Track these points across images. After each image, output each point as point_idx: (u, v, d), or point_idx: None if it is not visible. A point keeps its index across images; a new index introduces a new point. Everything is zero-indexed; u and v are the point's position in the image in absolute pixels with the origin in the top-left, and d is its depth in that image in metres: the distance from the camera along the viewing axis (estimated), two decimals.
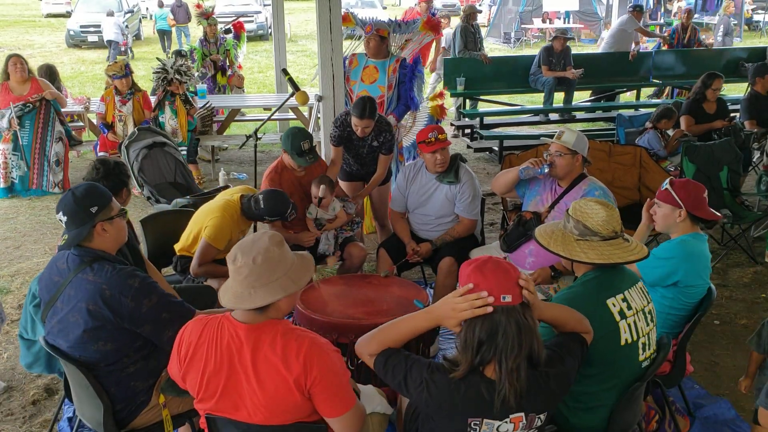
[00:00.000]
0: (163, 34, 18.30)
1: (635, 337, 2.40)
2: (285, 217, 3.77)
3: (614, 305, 2.37)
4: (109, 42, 17.23)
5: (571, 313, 2.19)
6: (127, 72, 6.67)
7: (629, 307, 2.40)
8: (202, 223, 3.69)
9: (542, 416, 2.06)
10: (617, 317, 2.36)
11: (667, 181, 3.16)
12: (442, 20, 5.92)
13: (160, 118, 6.73)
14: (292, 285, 2.04)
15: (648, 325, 2.46)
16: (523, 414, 2.00)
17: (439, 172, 4.07)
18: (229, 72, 9.25)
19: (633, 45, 9.87)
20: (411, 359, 2.05)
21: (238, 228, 3.76)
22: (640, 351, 2.42)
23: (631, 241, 2.49)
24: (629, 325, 2.38)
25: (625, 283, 2.46)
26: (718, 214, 3.20)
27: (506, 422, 1.99)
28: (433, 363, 2.04)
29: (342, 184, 4.86)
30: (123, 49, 17.57)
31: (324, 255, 4.20)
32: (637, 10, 10.19)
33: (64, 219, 2.49)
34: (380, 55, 5.25)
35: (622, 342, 2.37)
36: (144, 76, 7.20)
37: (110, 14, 17.72)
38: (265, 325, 2.05)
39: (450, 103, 9.98)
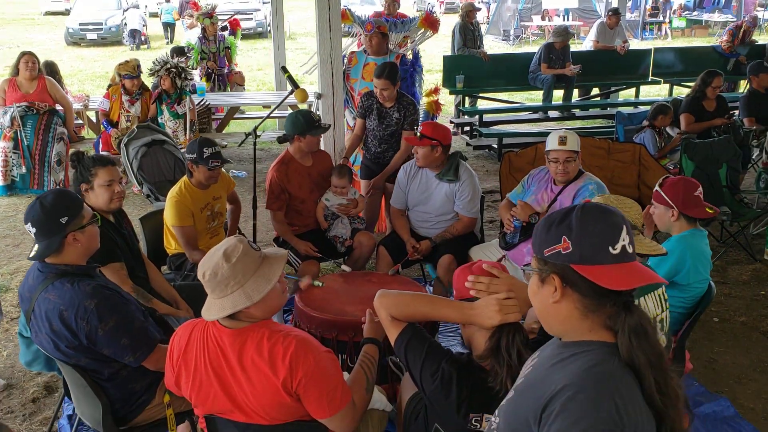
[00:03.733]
0: (167, 27, 19.37)
1: None
2: (209, 158, 3.70)
3: None
4: (132, 31, 18.72)
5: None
6: (138, 72, 6.67)
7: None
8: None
9: None
10: None
11: (660, 181, 3.17)
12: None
13: (159, 119, 6.72)
14: (244, 300, 1.96)
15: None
16: None
17: (420, 167, 4.10)
18: (226, 70, 9.26)
19: (620, 42, 9.83)
20: (432, 345, 2.06)
21: (195, 201, 3.78)
22: None
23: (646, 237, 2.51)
24: None
25: (639, 291, 2.45)
26: (714, 210, 3.18)
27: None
28: (453, 354, 2.05)
29: (362, 182, 4.92)
30: (144, 38, 19.10)
31: (339, 237, 4.22)
32: (609, 14, 10.12)
33: (33, 230, 2.37)
34: (381, 52, 5.26)
35: None
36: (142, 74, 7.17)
37: (134, 6, 19.80)
38: (249, 329, 2.03)
39: (450, 101, 9.98)
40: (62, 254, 2.41)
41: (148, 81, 7.17)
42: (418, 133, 3.99)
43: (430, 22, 5.74)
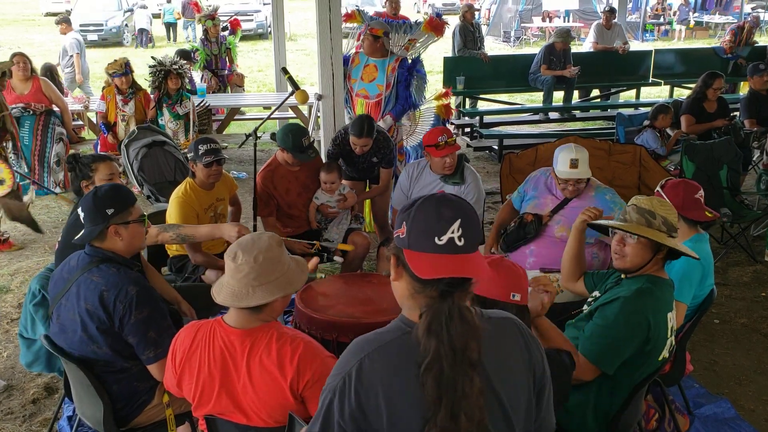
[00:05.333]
0: (169, 26, 20.30)
1: (666, 355, 2.44)
2: (203, 155, 3.69)
3: (669, 321, 2.39)
4: (141, 30, 19.63)
5: (564, 340, 2.16)
6: (127, 70, 6.66)
7: (672, 327, 2.43)
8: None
9: None
10: (668, 333, 2.38)
11: (661, 182, 3.16)
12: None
13: (160, 121, 6.72)
14: (289, 286, 2.05)
15: (673, 343, 2.52)
16: None
17: (447, 174, 4.06)
18: (227, 71, 9.26)
19: (620, 43, 9.85)
20: None
21: (200, 202, 3.78)
22: (660, 366, 2.46)
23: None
24: (670, 342, 2.43)
25: (672, 302, 2.47)
26: (714, 214, 3.17)
27: None
28: None
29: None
30: (150, 36, 19.94)
31: (329, 243, 4.21)
32: (606, 13, 10.16)
33: (82, 215, 2.51)
34: (378, 53, 5.24)
35: (660, 357, 2.39)
36: (144, 75, 7.19)
37: (142, 7, 20.62)
38: (259, 330, 2.04)
39: (450, 102, 9.99)
40: (106, 242, 2.51)
41: (145, 83, 7.17)
42: (444, 142, 3.93)
43: (434, 26, 5.66)
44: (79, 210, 2.53)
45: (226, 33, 9.49)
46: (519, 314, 1.98)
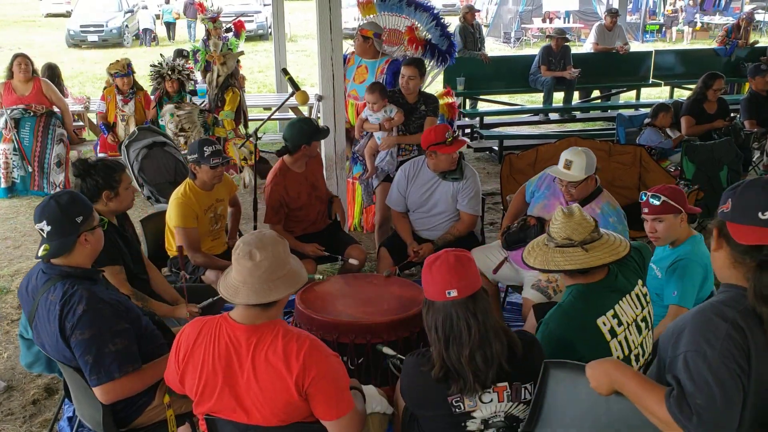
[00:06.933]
0: (169, 26, 21.06)
1: (627, 352, 2.38)
2: (209, 156, 3.69)
3: (605, 324, 2.34)
4: (145, 30, 20.36)
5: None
6: (129, 71, 6.68)
7: (620, 323, 2.36)
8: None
9: (529, 387, 2.10)
10: (608, 336, 2.33)
11: (650, 196, 3.08)
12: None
13: (160, 122, 6.73)
14: (299, 279, 2.10)
15: (641, 333, 2.44)
16: (507, 384, 2.08)
17: (447, 170, 4.05)
18: None
19: (621, 44, 9.85)
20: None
21: (200, 203, 3.77)
22: (633, 363, 2.40)
23: (592, 251, 2.38)
24: (620, 342, 2.36)
25: (614, 297, 2.40)
26: (697, 208, 3.23)
27: (488, 392, 2.08)
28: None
29: (380, 187, 4.88)
30: (153, 36, 20.61)
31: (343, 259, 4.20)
32: (607, 15, 10.17)
33: (47, 228, 2.37)
34: (368, 54, 5.20)
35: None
36: (146, 75, 7.19)
37: (144, 7, 21.71)
38: (265, 327, 2.04)
39: None
40: (71, 255, 2.43)
41: (147, 84, 7.17)
42: (451, 137, 3.90)
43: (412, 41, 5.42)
44: (43, 224, 2.38)
45: (229, 34, 9.48)
46: (471, 304, 2.05)
